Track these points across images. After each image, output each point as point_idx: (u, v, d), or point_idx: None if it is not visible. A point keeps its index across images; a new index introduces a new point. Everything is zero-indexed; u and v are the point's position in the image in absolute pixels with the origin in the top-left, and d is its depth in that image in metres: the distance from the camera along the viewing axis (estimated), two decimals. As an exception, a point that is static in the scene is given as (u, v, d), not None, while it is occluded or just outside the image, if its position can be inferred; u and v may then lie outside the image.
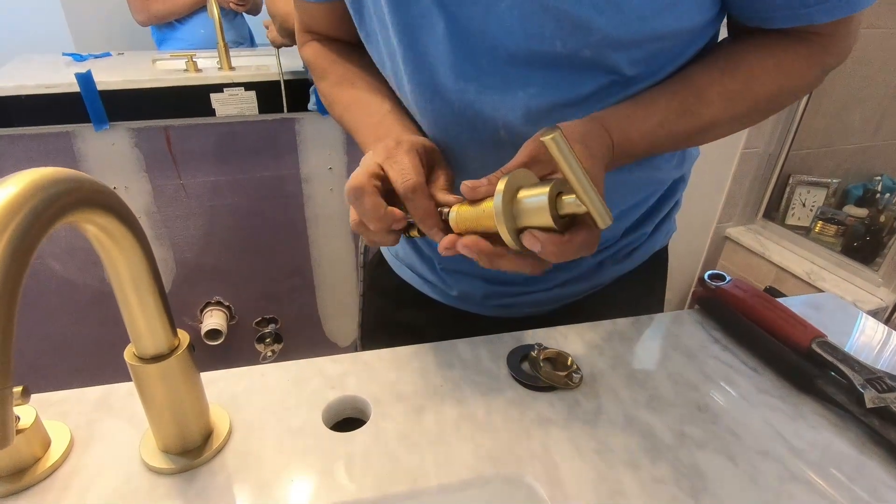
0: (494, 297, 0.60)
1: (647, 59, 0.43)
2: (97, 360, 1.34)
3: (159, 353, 0.36)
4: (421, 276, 0.64)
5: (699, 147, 0.58)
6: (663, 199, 0.58)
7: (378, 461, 0.40)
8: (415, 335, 0.55)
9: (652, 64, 0.43)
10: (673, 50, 0.43)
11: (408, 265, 0.65)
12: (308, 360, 0.50)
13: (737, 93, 0.44)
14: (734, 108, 0.44)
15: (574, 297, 0.61)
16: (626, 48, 0.41)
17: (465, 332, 0.54)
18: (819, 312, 0.60)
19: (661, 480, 0.39)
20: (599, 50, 0.41)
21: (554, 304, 0.61)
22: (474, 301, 0.61)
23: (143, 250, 0.31)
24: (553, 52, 0.41)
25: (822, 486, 0.39)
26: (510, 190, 0.35)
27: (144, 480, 0.38)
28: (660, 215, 0.59)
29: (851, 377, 0.45)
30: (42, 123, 1.09)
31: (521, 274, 0.40)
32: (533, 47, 0.41)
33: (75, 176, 0.26)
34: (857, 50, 1.79)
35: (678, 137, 0.44)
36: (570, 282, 0.59)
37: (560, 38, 0.40)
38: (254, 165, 1.27)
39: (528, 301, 0.60)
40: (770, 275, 1.74)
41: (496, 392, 0.47)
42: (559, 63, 0.42)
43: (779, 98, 0.46)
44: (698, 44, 0.45)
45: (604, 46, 0.40)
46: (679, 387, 0.48)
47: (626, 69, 0.42)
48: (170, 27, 1.73)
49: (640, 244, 0.60)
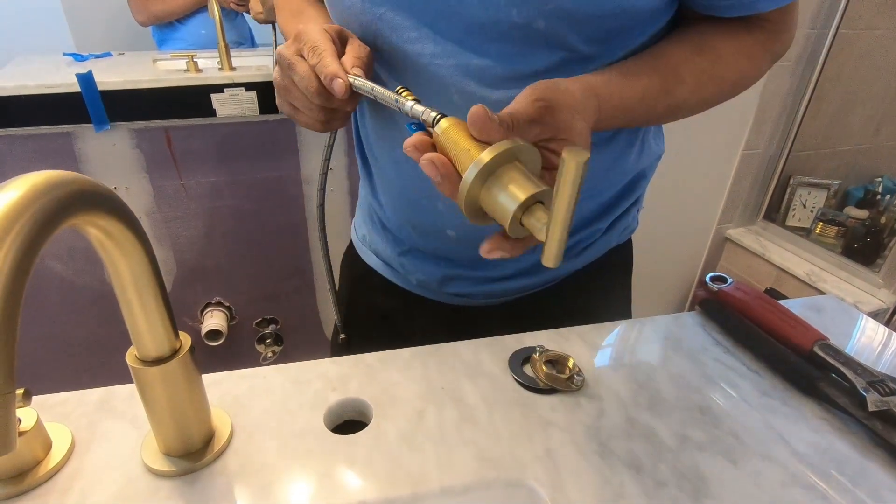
0: (449, 284, 0.62)
1: (602, 37, 0.43)
2: (98, 361, 1.33)
3: (161, 356, 0.36)
4: (385, 262, 0.65)
5: (663, 144, 0.60)
6: (621, 195, 0.58)
7: (379, 464, 0.40)
8: (386, 320, 0.63)
9: (607, 43, 0.43)
10: (628, 30, 0.44)
11: (373, 250, 0.67)
12: (309, 363, 0.50)
13: (706, 73, 0.45)
14: (703, 89, 0.46)
15: (525, 292, 0.62)
16: (581, 23, 0.41)
17: (427, 318, 0.60)
18: (820, 314, 0.60)
19: (663, 483, 0.39)
20: (554, 22, 0.41)
21: (506, 296, 0.62)
22: (432, 289, 0.63)
23: (145, 252, 0.31)
24: (508, 21, 0.41)
25: (823, 490, 0.39)
26: (503, 159, 0.31)
27: (146, 483, 0.38)
28: (617, 211, 0.59)
29: (854, 380, 0.45)
30: (42, 124, 1.09)
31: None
32: (489, 14, 0.41)
33: (77, 179, 0.26)
34: (858, 51, 1.77)
35: (651, 115, 0.45)
36: (516, 276, 0.60)
37: (515, 6, 0.40)
38: (254, 166, 1.27)
39: (481, 292, 0.62)
40: (770, 276, 1.74)
41: (498, 394, 0.47)
42: (513, 35, 0.42)
43: (740, 82, 0.48)
44: (653, 27, 0.45)
45: (559, 18, 0.40)
46: (680, 389, 0.48)
47: (581, 46, 0.42)
48: (170, 27, 1.73)
49: (594, 241, 0.60)
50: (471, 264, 0.59)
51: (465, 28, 0.43)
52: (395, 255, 0.63)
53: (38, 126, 1.09)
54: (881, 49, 1.71)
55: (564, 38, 0.42)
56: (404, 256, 0.62)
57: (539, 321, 0.56)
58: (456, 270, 0.60)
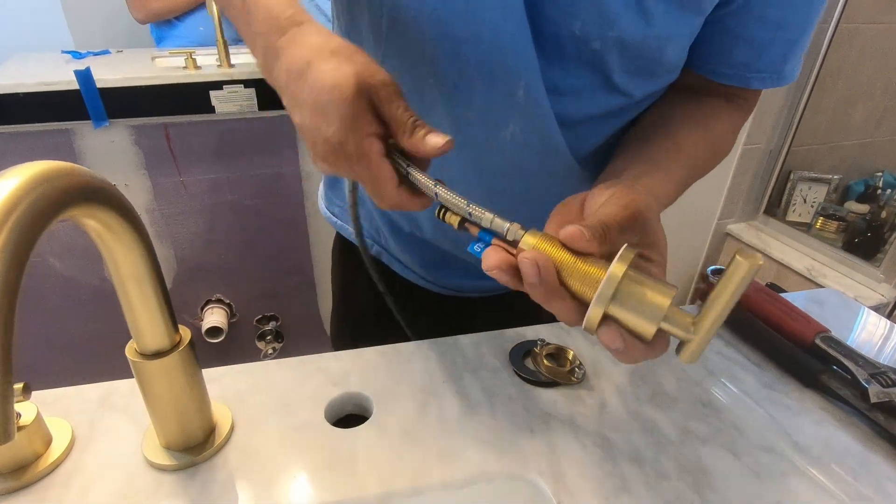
0: (438, 275, 0.63)
1: (633, 70, 0.43)
2: (99, 358, 1.33)
3: (161, 349, 0.36)
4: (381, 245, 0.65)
5: None
6: None
7: (381, 458, 0.40)
8: (380, 309, 0.63)
9: (637, 77, 0.44)
10: (655, 74, 0.45)
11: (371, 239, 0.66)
12: (310, 357, 0.50)
13: (710, 155, 0.49)
14: (706, 168, 0.49)
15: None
16: (626, 48, 0.41)
17: (419, 308, 0.61)
18: (821, 307, 0.60)
19: (665, 476, 0.39)
20: (610, 44, 0.41)
21: (492, 291, 0.64)
22: (423, 277, 0.64)
23: (143, 245, 0.31)
24: (570, 35, 0.41)
25: (825, 481, 0.39)
26: (623, 269, 0.29)
27: (147, 477, 0.38)
28: None
29: (856, 372, 0.44)
30: (41, 121, 1.09)
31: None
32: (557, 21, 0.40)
33: (75, 170, 0.26)
34: (859, 45, 1.76)
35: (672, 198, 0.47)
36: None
37: (580, 19, 0.40)
38: (254, 162, 1.27)
39: (471, 286, 0.63)
40: (771, 271, 1.74)
41: (499, 387, 0.47)
42: (563, 51, 0.42)
43: (724, 154, 0.52)
44: (670, 77, 0.47)
45: (613, 41, 0.40)
46: (682, 382, 0.48)
47: (614, 75, 0.43)
48: (169, 25, 1.72)
49: None
50: (461, 262, 0.60)
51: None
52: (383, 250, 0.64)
53: (36, 123, 1.09)
54: (883, 43, 1.70)
55: (607, 63, 0.42)
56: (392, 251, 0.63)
57: (532, 311, 0.57)
58: (445, 267, 0.61)
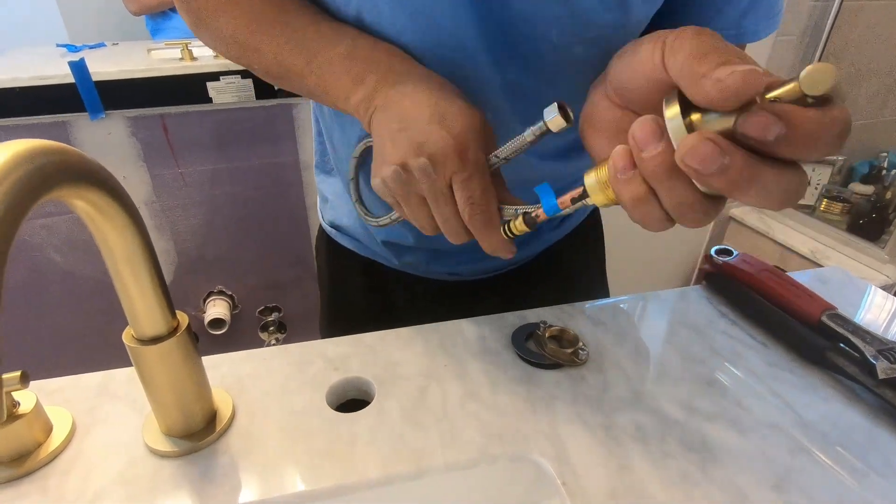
0: (435, 264, 0.62)
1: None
2: (99, 351, 1.34)
3: (158, 335, 0.35)
4: (367, 246, 0.64)
5: None
6: None
7: (383, 441, 0.39)
8: (373, 297, 0.64)
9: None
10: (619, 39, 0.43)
11: (352, 238, 0.65)
12: (310, 343, 0.49)
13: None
14: None
15: (513, 266, 0.64)
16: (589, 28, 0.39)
17: (415, 294, 0.61)
18: (827, 286, 0.59)
19: (670, 454, 0.38)
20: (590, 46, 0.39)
21: (494, 271, 0.64)
22: (419, 268, 0.63)
23: (136, 227, 0.31)
24: (549, 43, 0.39)
25: (833, 458, 0.39)
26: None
27: (148, 464, 0.38)
28: None
29: (863, 349, 0.44)
30: (38, 114, 1.08)
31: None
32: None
33: (63, 149, 0.25)
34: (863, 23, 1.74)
35: None
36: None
37: (556, 27, 0.38)
38: (252, 152, 1.26)
39: (471, 269, 0.63)
40: (775, 254, 1.72)
41: (501, 370, 0.46)
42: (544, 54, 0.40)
43: None
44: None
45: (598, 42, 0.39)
46: (686, 362, 0.48)
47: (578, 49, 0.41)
48: (164, 16, 1.70)
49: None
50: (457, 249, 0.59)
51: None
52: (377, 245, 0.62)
53: (33, 116, 1.09)
54: (887, 22, 1.68)
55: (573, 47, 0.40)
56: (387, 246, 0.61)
57: (531, 290, 0.60)
58: (442, 255, 0.60)
